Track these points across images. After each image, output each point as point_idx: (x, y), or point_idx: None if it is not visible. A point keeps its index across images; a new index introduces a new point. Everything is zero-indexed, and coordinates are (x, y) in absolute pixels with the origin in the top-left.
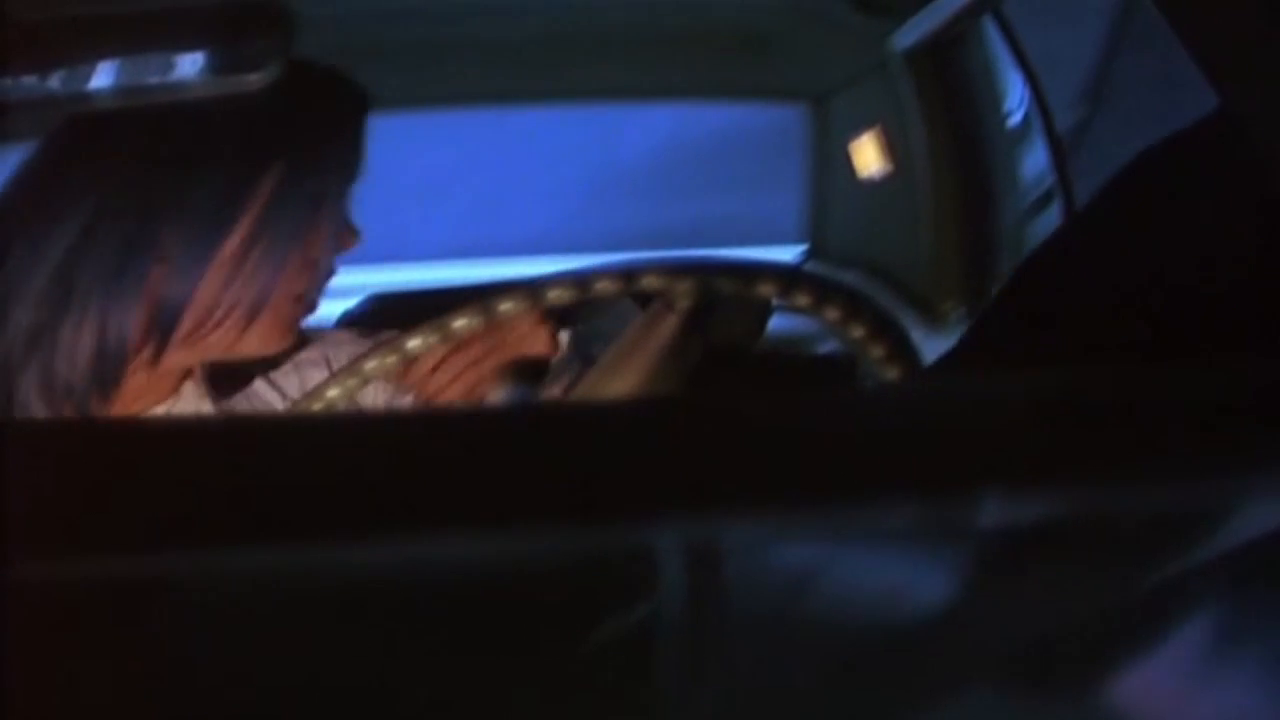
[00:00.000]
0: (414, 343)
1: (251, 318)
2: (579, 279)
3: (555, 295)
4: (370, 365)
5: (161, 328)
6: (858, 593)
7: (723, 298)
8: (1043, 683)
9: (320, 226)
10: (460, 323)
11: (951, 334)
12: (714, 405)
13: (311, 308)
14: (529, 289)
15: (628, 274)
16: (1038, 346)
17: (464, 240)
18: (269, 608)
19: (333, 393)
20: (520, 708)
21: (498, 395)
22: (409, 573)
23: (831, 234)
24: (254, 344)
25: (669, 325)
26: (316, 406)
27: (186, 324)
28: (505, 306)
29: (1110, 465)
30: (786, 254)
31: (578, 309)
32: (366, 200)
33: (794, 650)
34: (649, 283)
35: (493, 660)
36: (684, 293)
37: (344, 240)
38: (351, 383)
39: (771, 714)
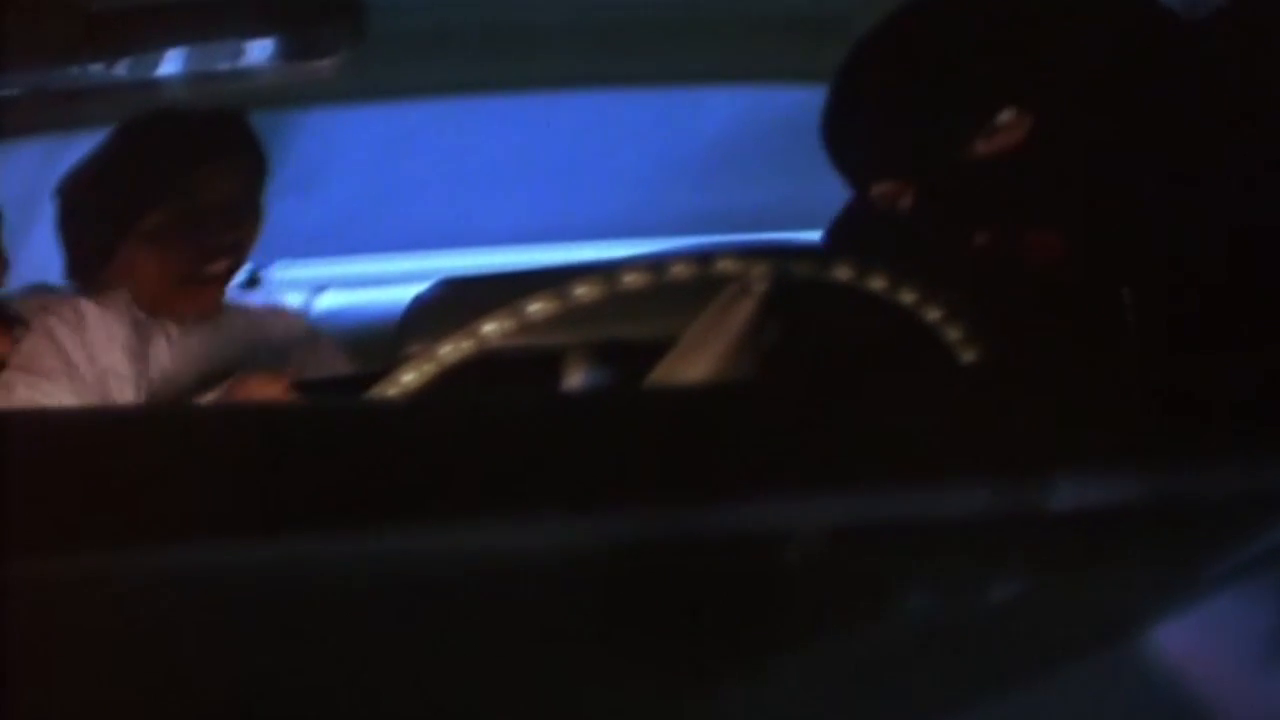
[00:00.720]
0: (491, 328)
1: None
2: (655, 263)
3: (631, 280)
4: (447, 351)
5: None
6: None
7: (800, 282)
8: (1110, 665)
9: None
10: (536, 308)
11: None
12: (783, 391)
13: None
14: (604, 273)
15: (703, 258)
16: None
17: (535, 224)
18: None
19: (409, 378)
20: (637, 696)
21: (574, 380)
22: (511, 556)
23: None
24: None
25: (745, 309)
26: (392, 393)
27: None
28: (581, 291)
29: (1179, 450)
30: None
31: None
32: (436, 185)
33: (872, 630)
34: (724, 267)
35: (579, 647)
36: (760, 277)
37: None
38: (429, 368)
39: (844, 697)
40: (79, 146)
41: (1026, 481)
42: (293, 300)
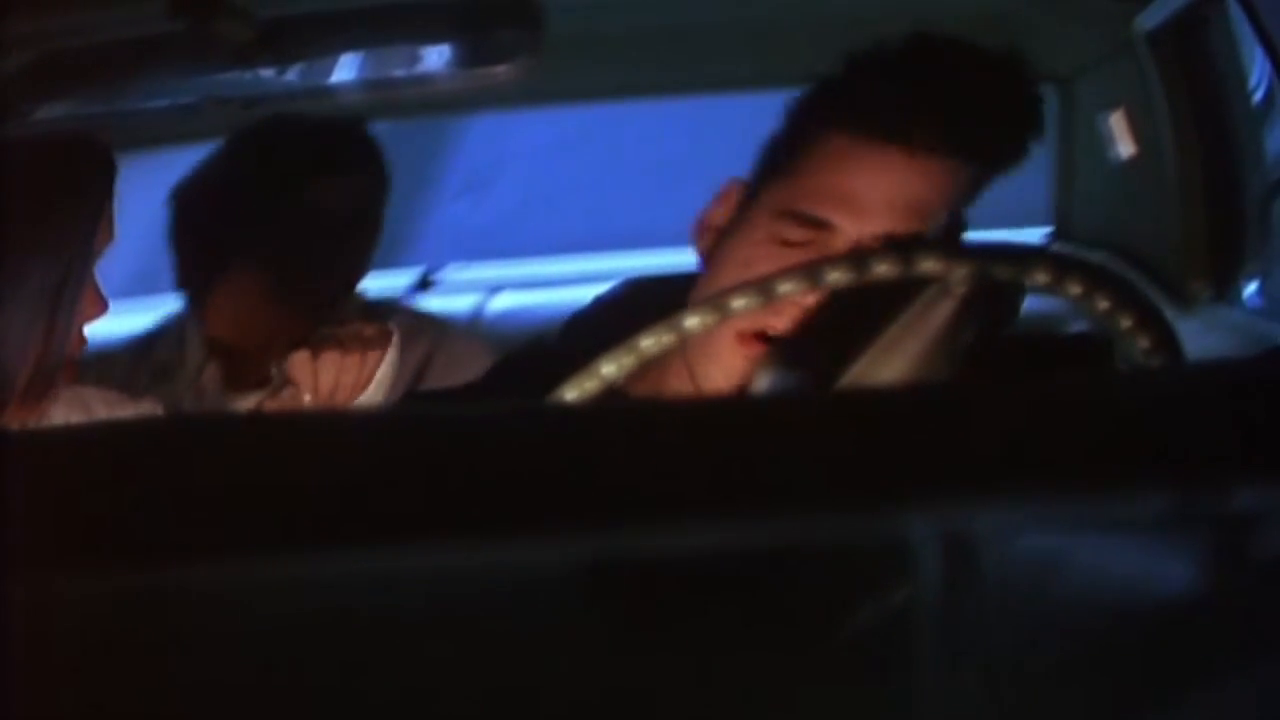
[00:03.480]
0: (691, 321)
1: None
2: (859, 260)
3: (835, 277)
4: (647, 343)
5: None
6: (1104, 578)
7: (994, 283)
8: None
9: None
10: (738, 303)
11: (1200, 315)
12: (969, 392)
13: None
14: (808, 270)
15: (906, 257)
16: None
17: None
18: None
19: (608, 369)
20: (777, 697)
21: (759, 382)
22: (657, 561)
23: (1077, 215)
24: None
25: (945, 310)
26: (591, 384)
27: None
28: (785, 288)
29: None
30: (1032, 236)
31: None
32: (607, 186)
33: (1044, 637)
34: (928, 267)
35: (747, 651)
36: (960, 279)
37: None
38: (628, 360)
39: (1025, 701)
40: None
41: (1206, 486)
42: (466, 302)
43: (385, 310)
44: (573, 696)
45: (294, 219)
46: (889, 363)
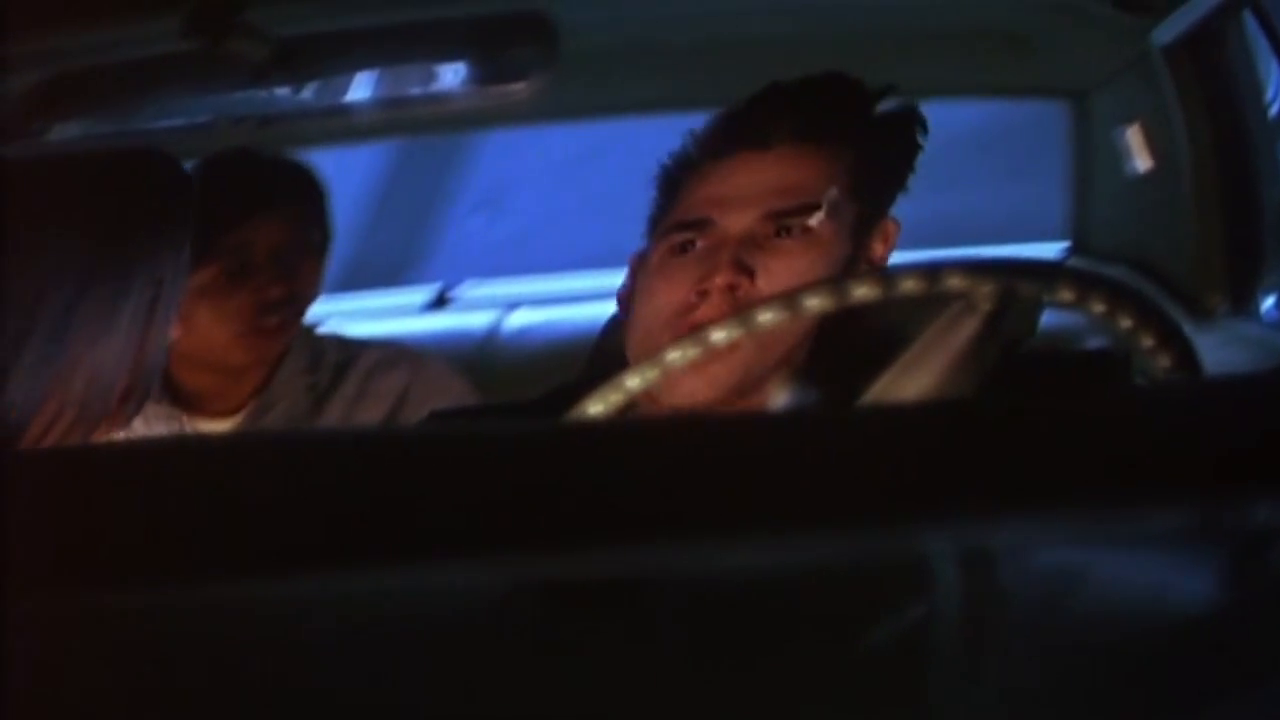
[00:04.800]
0: (719, 334)
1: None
2: (884, 277)
3: (860, 293)
4: (673, 356)
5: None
6: (1123, 593)
7: (1017, 299)
8: None
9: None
10: (766, 316)
11: (1217, 328)
12: (987, 407)
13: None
14: (833, 286)
15: (932, 273)
16: None
17: None
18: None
19: (632, 383)
20: (795, 713)
21: (778, 399)
22: (679, 581)
23: (1094, 230)
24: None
25: (970, 327)
26: (615, 397)
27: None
28: (811, 303)
29: None
30: (1049, 250)
31: None
32: (622, 203)
33: (1063, 652)
34: (953, 283)
35: (765, 665)
36: (986, 296)
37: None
38: (652, 374)
39: (1045, 715)
40: None
41: (1226, 501)
42: (483, 319)
43: (357, 346)
44: (592, 709)
45: (231, 260)
46: (913, 379)
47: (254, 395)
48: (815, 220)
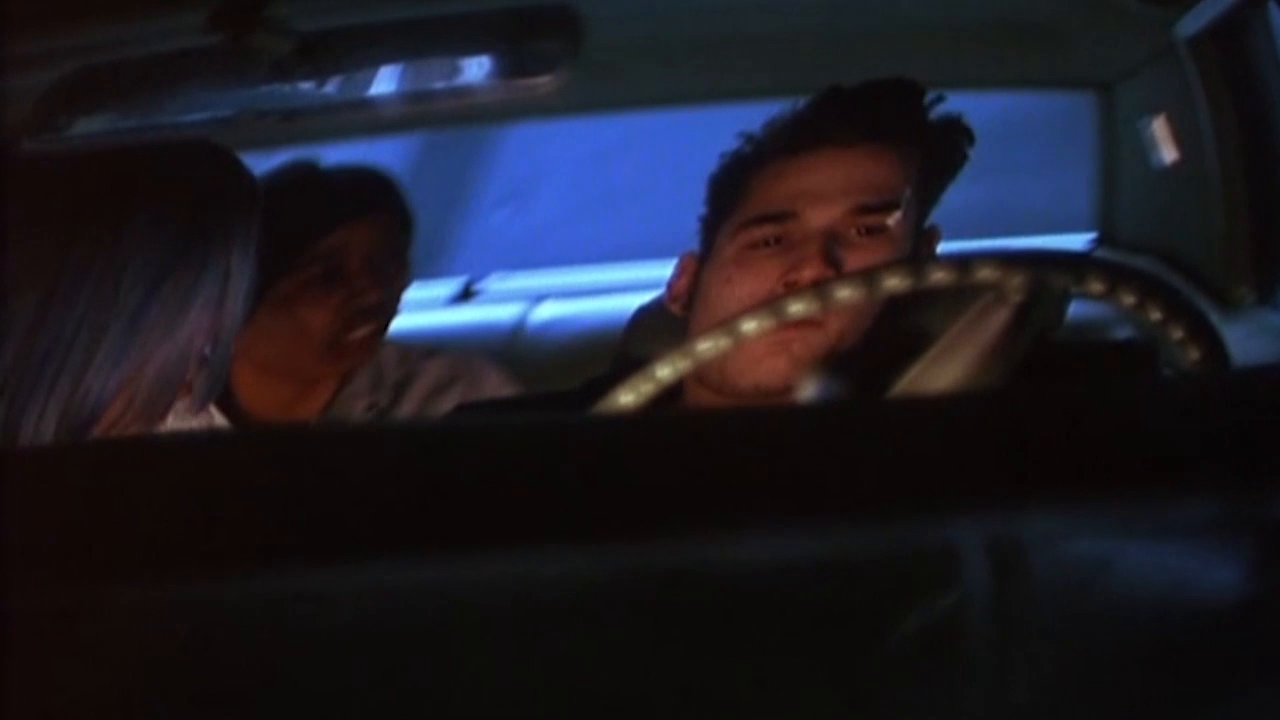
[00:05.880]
0: (748, 325)
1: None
2: (914, 267)
3: (891, 283)
4: (703, 346)
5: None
6: (1153, 583)
7: (1048, 290)
8: None
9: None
10: (796, 307)
11: (1243, 319)
12: (1015, 397)
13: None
14: (864, 276)
15: (963, 264)
16: None
17: None
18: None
19: (663, 373)
20: (824, 708)
21: (806, 389)
22: (708, 572)
23: (1120, 221)
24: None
25: (1001, 318)
26: (647, 387)
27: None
28: (842, 294)
29: None
30: (1076, 242)
31: None
32: (648, 195)
33: (1093, 643)
34: (984, 275)
35: (794, 658)
36: (1017, 287)
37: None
38: (683, 364)
39: (1075, 707)
40: None
41: (1252, 492)
42: (509, 312)
43: (415, 360)
44: (621, 701)
45: (316, 269)
46: (943, 370)
47: (321, 412)
48: (893, 219)
